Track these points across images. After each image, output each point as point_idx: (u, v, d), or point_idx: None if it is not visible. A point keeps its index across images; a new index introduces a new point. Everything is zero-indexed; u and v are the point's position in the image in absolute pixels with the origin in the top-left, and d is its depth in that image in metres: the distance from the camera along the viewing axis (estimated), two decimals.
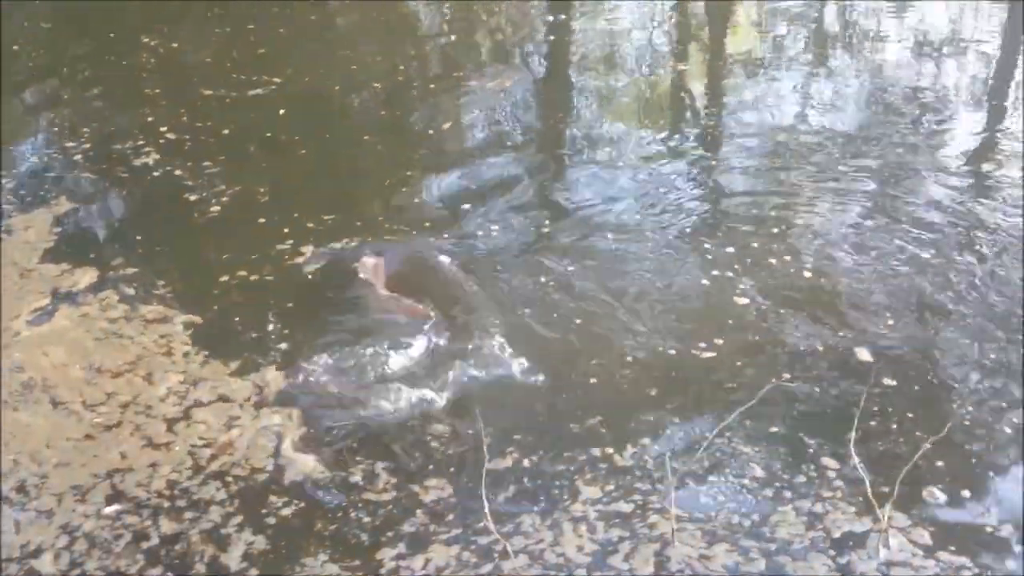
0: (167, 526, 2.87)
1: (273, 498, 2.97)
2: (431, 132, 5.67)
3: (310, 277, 4.14)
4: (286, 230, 4.44)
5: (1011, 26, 7.23)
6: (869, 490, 2.77)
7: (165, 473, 3.06)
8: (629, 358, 3.53)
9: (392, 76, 6.59)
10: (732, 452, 3.07)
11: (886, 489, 2.83)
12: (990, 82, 6.38)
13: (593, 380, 3.43)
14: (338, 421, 3.26)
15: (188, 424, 3.26)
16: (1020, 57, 6.95)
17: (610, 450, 3.10)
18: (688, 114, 6.17)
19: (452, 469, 3.06)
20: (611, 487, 2.95)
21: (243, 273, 4.14)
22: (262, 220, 4.58)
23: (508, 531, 2.79)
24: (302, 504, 2.95)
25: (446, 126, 5.74)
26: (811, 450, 3.07)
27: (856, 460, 2.87)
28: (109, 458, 3.13)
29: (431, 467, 3.06)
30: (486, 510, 2.78)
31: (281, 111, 5.87)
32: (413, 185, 4.96)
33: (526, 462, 3.06)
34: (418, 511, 2.89)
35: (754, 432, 3.15)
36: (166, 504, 2.95)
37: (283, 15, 7.82)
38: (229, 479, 3.04)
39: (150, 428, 3.25)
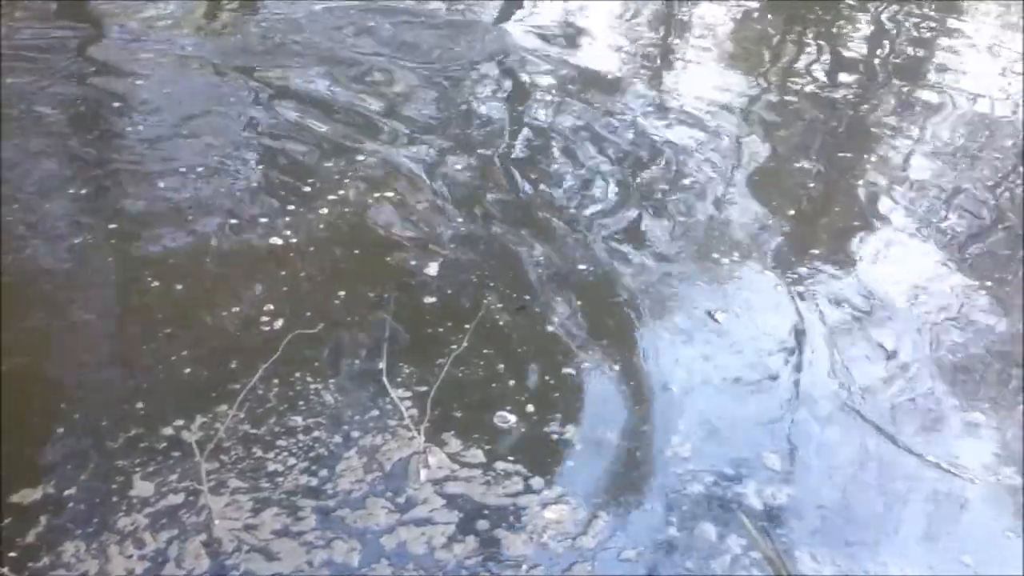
0: None
1: None
2: None
3: None
4: None
5: None
6: (406, 415, 2.69)
7: None
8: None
9: None
10: (270, 408, 2.80)
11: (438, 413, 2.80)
12: None
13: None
14: None
15: None
16: None
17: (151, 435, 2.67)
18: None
19: None
20: (163, 479, 2.54)
21: None
22: None
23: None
24: None
25: None
26: (359, 388, 2.92)
27: (390, 388, 2.76)
28: None
29: None
30: None
31: None
32: None
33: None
34: None
35: (289, 385, 2.90)
36: None
37: None
38: None
39: None
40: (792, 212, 4.29)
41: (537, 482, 2.64)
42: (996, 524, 2.67)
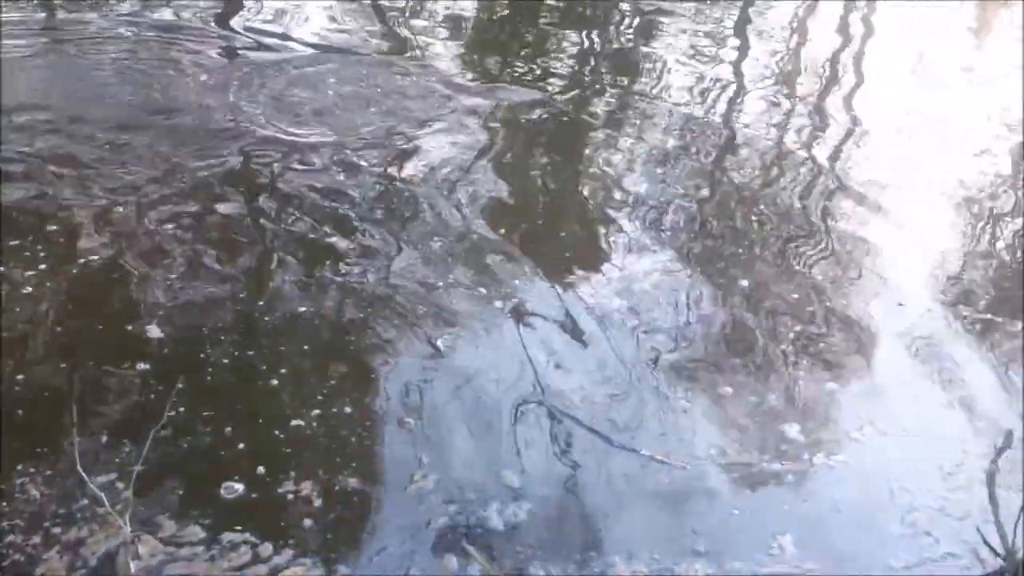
0: None
1: None
2: None
3: None
4: None
5: None
6: (107, 504, 2.48)
7: None
8: None
9: None
10: None
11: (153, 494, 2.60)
12: None
13: None
14: None
15: None
16: None
17: None
18: None
19: None
20: None
21: None
22: None
23: None
24: None
25: None
26: (58, 479, 2.66)
27: (84, 476, 2.54)
28: None
29: None
30: None
31: None
32: None
33: None
34: None
35: None
36: None
37: None
38: None
39: None
40: (512, 228, 4.37)
41: (267, 548, 2.52)
42: (718, 505, 2.85)
